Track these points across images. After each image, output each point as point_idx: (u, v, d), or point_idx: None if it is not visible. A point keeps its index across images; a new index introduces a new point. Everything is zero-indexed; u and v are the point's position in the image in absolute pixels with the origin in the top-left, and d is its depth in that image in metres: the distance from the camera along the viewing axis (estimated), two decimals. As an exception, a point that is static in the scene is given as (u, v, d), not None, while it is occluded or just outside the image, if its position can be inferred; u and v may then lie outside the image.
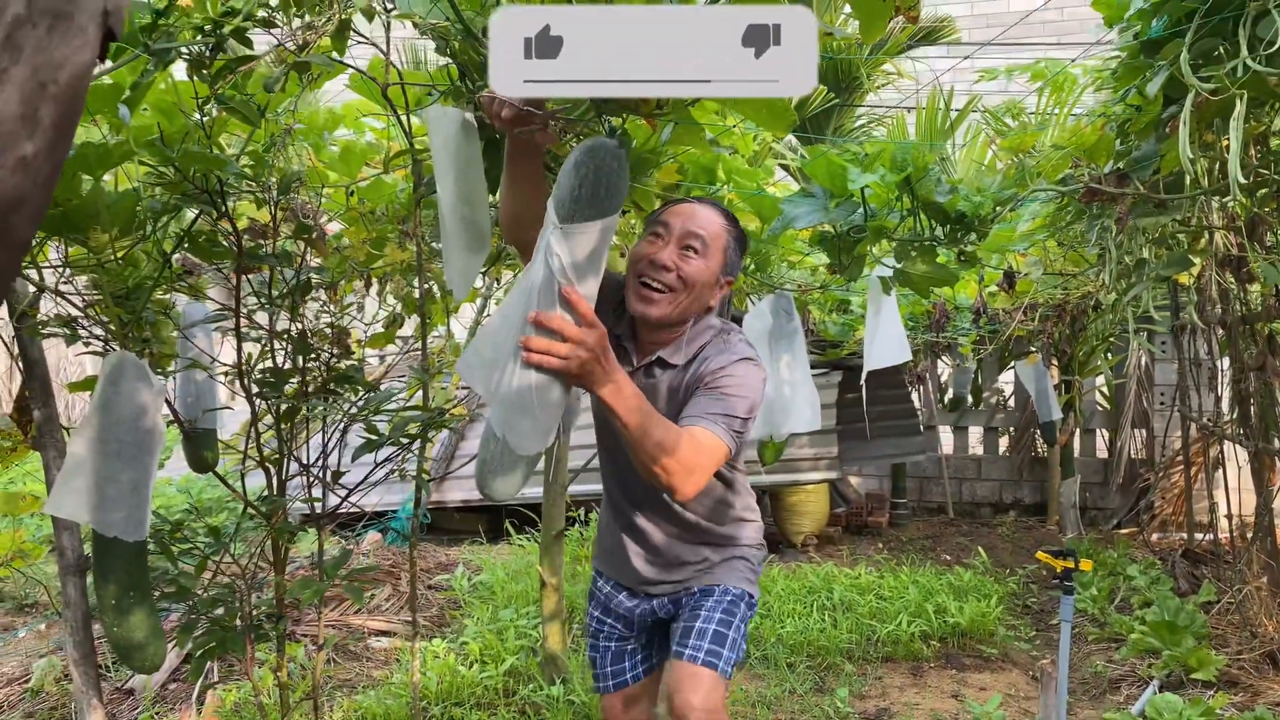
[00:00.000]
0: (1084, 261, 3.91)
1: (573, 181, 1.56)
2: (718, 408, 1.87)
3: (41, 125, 0.52)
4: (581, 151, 1.58)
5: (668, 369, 2.02)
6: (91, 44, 0.54)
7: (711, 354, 1.98)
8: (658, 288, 1.96)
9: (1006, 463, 7.93)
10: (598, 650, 2.29)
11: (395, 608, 4.85)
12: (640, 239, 2.07)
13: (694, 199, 2.12)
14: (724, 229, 2.04)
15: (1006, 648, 4.31)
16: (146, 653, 2.14)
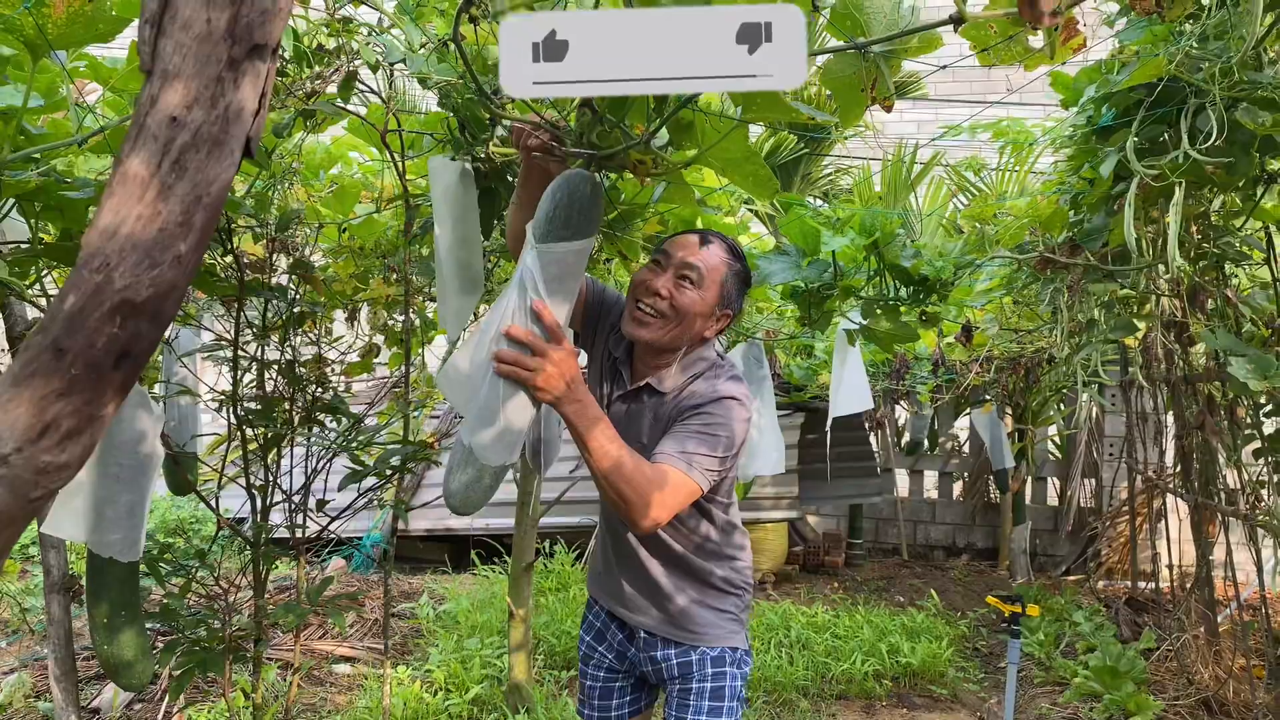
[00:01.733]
0: (1038, 319, 4.10)
1: (550, 206, 1.68)
2: (691, 445, 1.93)
3: (194, 228, 0.64)
4: (559, 179, 1.70)
5: (655, 395, 2.08)
6: (235, 163, 0.66)
7: (699, 387, 2.03)
8: (650, 313, 2.01)
9: (960, 507, 8.12)
10: (587, 678, 2.33)
11: (360, 634, 4.89)
12: (644, 265, 2.13)
13: (702, 230, 2.15)
14: (724, 263, 2.07)
15: (956, 688, 4.45)
16: (135, 670, 2.21)
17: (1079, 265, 2.47)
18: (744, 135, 1.72)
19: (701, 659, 2.14)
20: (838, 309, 2.64)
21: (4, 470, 0.62)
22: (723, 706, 2.12)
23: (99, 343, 0.62)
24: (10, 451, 0.62)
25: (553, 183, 1.71)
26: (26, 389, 0.62)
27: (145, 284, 0.62)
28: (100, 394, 0.64)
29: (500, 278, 3.60)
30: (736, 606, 2.21)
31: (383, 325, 4.41)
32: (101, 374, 0.63)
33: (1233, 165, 2.16)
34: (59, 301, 0.63)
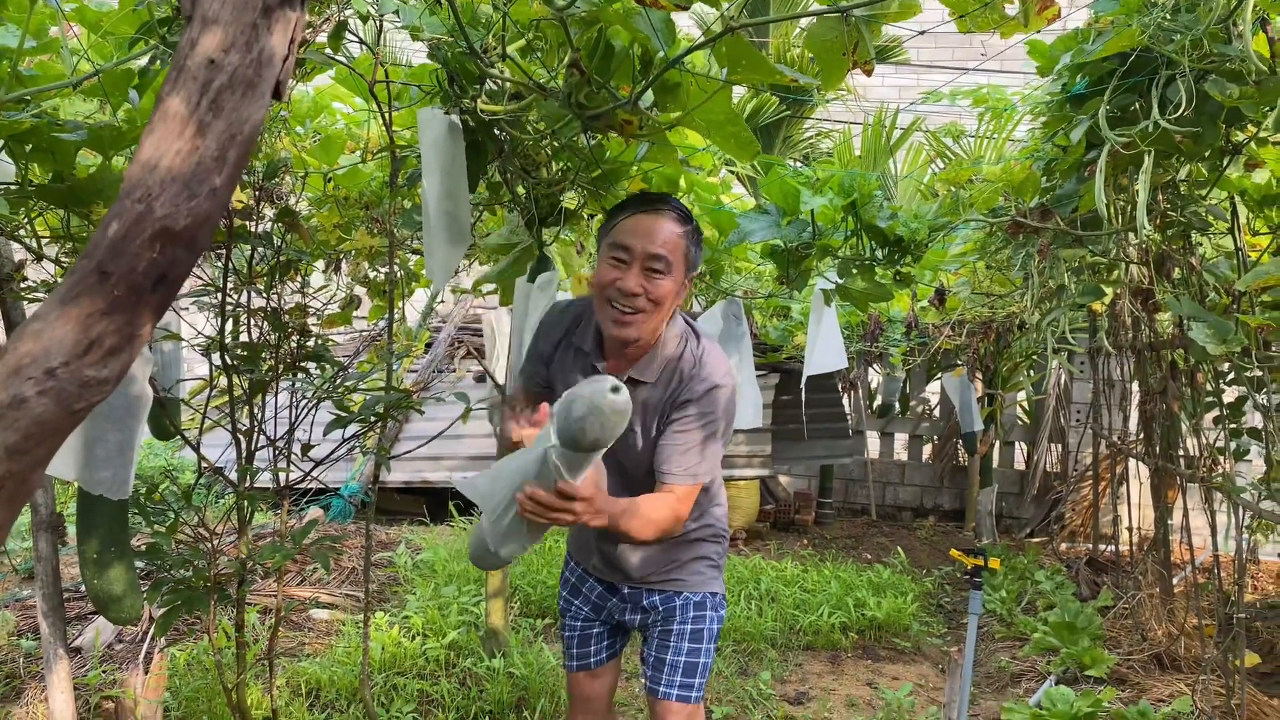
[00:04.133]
0: (1009, 284, 4.19)
1: (576, 424, 1.62)
2: (693, 458, 2.03)
3: (228, 164, 0.70)
4: (590, 407, 1.61)
5: (641, 386, 2.10)
6: (266, 104, 0.71)
7: (689, 375, 2.06)
8: (629, 311, 2.01)
9: (929, 469, 8.28)
10: (565, 629, 2.43)
11: (337, 581, 4.96)
12: (601, 258, 2.08)
13: (648, 205, 2.07)
14: (681, 234, 2.04)
15: (919, 642, 4.59)
16: (124, 605, 2.27)
17: (1049, 230, 2.54)
18: (727, 97, 1.77)
19: (685, 603, 2.26)
20: (815, 268, 2.71)
21: (51, 382, 0.67)
22: (701, 647, 2.24)
23: (140, 267, 0.68)
24: (57, 365, 0.67)
25: (583, 405, 1.62)
26: (73, 308, 0.67)
27: (184, 214, 0.67)
28: (139, 315, 0.69)
29: (482, 233, 3.63)
30: (716, 554, 2.33)
31: (364, 277, 4.44)
32: (141, 296, 0.69)
33: (1200, 135, 2.23)
34: (103, 229, 0.68)
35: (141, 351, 2.26)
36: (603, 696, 2.42)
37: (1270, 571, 6.16)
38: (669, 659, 2.23)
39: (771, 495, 7.97)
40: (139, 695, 3.31)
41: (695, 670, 2.23)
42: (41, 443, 0.70)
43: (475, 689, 3.54)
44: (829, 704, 3.79)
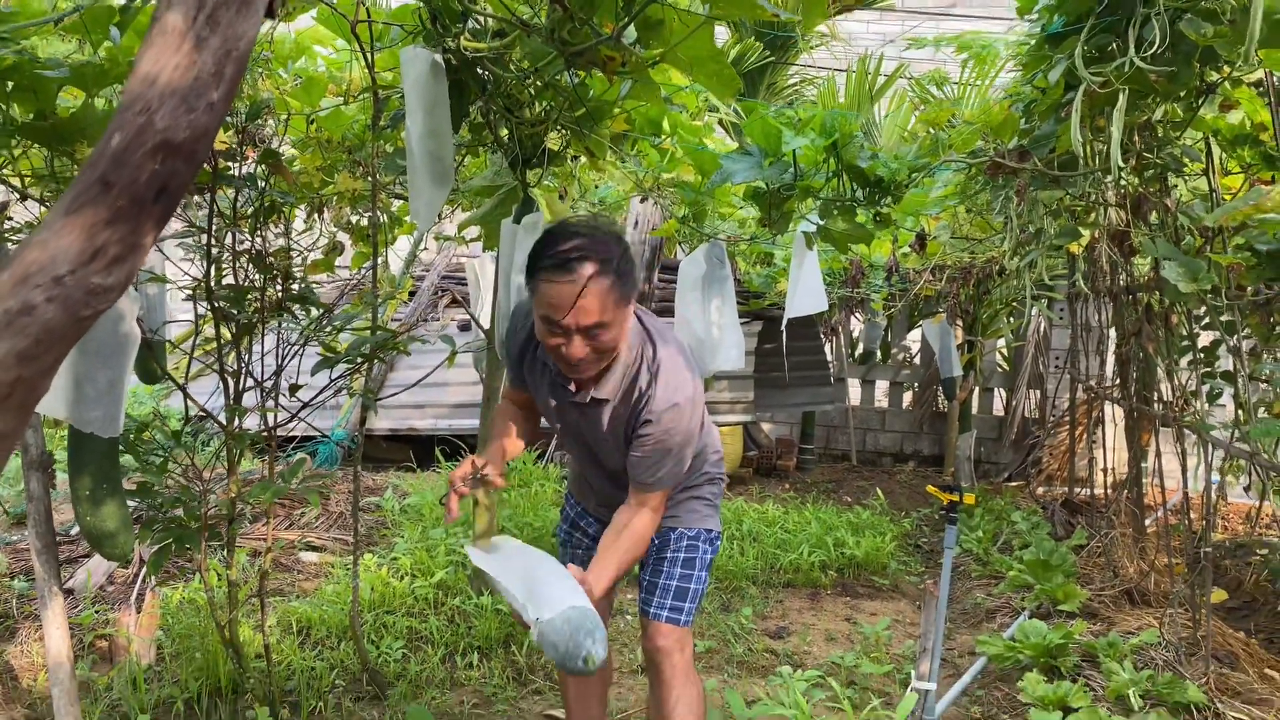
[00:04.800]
0: (990, 228, 4.23)
1: (550, 653, 1.79)
2: (664, 471, 2.10)
3: (224, 79, 0.72)
4: (560, 660, 1.77)
5: (603, 404, 2.13)
6: (259, 21, 0.74)
7: (646, 393, 2.07)
8: (582, 367, 2.01)
9: (909, 416, 8.38)
10: (565, 559, 2.47)
11: (325, 525, 5.02)
12: (537, 318, 2.00)
13: (562, 272, 1.91)
14: (609, 288, 1.93)
15: (897, 580, 4.70)
16: (118, 541, 2.31)
17: (1027, 171, 2.58)
18: (709, 33, 1.79)
19: (679, 536, 2.35)
20: (797, 209, 2.74)
21: (58, 290, 0.70)
22: (692, 574, 2.33)
23: (142, 178, 0.70)
24: (64, 273, 0.70)
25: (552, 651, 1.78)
26: (77, 218, 0.70)
27: (183, 126, 0.70)
28: (142, 225, 0.72)
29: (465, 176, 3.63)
30: (712, 494, 2.42)
31: (346, 223, 4.44)
32: (143, 207, 0.71)
33: (1175, 75, 2.26)
34: (105, 141, 0.71)
35: (128, 291, 2.28)
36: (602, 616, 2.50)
37: (1240, 512, 6.30)
38: (661, 582, 2.31)
39: (754, 442, 8.06)
40: (132, 633, 3.38)
41: (686, 595, 2.31)
42: (49, 349, 0.73)
43: (463, 625, 3.61)
44: (808, 638, 3.90)
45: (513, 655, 3.48)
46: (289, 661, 3.26)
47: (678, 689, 2.29)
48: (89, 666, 3.25)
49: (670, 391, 2.07)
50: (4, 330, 0.71)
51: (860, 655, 3.63)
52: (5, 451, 0.79)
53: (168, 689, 3.09)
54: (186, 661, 3.16)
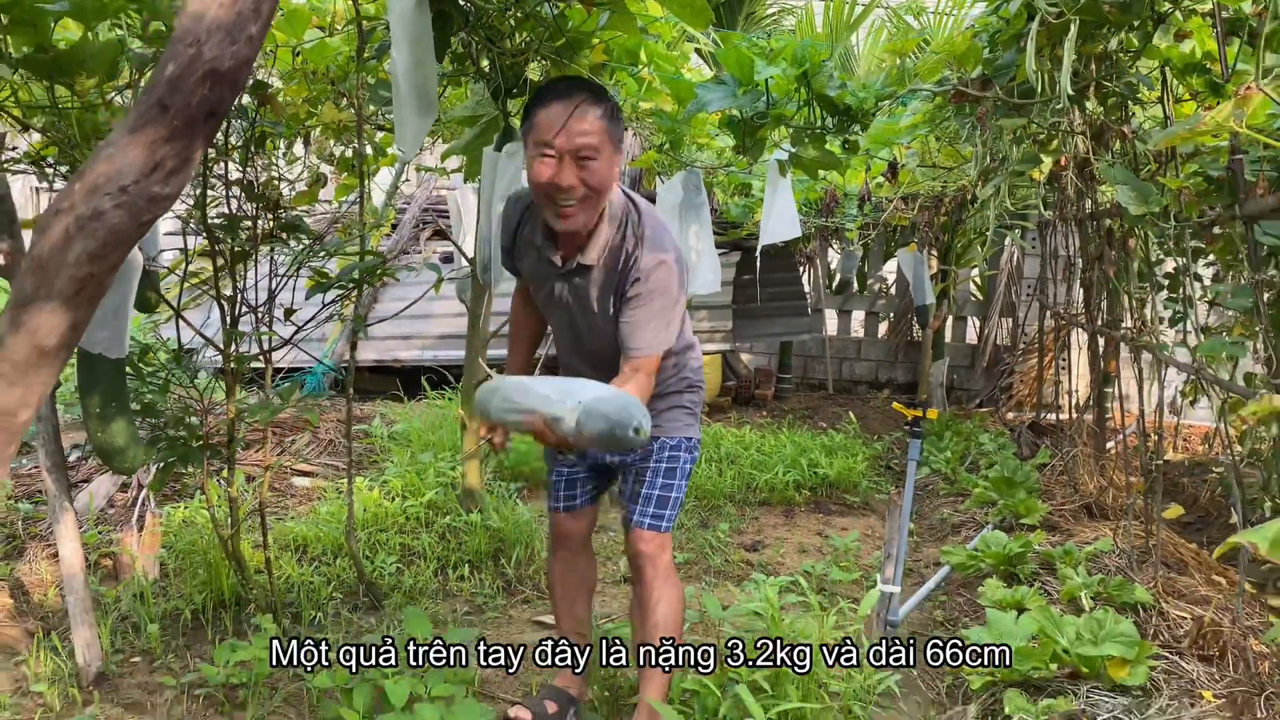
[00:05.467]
0: (960, 157, 4.35)
1: (592, 431, 1.85)
2: (651, 331, 2.17)
3: (261, 14, 0.84)
4: (607, 432, 1.83)
5: (588, 270, 2.24)
6: (289, -36, 0.85)
7: (633, 254, 2.15)
8: (571, 204, 2.08)
9: (884, 345, 8.57)
10: (553, 474, 2.64)
11: (315, 452, 5.17)
12: (530, 154, 2.11)
13: (559, 96, 2.06)
14: (600, 117, 2.05)
15: (868, 498, 4.91)
16: (127, 456, 2.45)
17: (989, 99, 2.70)
18: (684, -38, 1.88)
19: (661, 446, 2.45)
20: (770, 137, 2.85)
21: (124, 197, 0.83)
22: (673, 483, 2.46)
23: (194, 102, 0.82)
24: (129, 183, 0.83)
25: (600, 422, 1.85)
26: (139, 135, 0.82)
27: (228, 57, 0.82)
28: (194, 142, 0.85)
29: (446, 107, 3.71)
30: (692, 403, 2.52)
31: (329, 155, 4.50)
32: (195, 126, 0.84)
33: (1127, 5, 2.37)
34: (161, 69, 0.83)
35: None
36: (583, 532, 2.66)
37: (1200, 434, 6.54)
38: (644, 492, 2.43)
39: (733, 372, 8.23)
40: (136, 552, 3.53)
41: (666, 503, 2.44)
42: (115, 249, 0.86)
43: (454, 541, 3.79)
44: (782, 550, 4.10)
45: (502, 568, 3.66)
46: (288, 576, 3.42)
47: (659, 589, 2.43)
48: (97, 583, 3.40)
49: (657, 250, 2.15)
50: (78, 233, 0.84)
51: (830, 564, 3.83)
52: (76, 338, 0.92)
53: (173, 602, 3.25)
54: (190, 576, 3.32)
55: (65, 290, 0.85)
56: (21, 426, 0.95)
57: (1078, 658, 2.81)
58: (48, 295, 0.85)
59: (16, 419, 0.92)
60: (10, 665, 2.87)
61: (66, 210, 0.84)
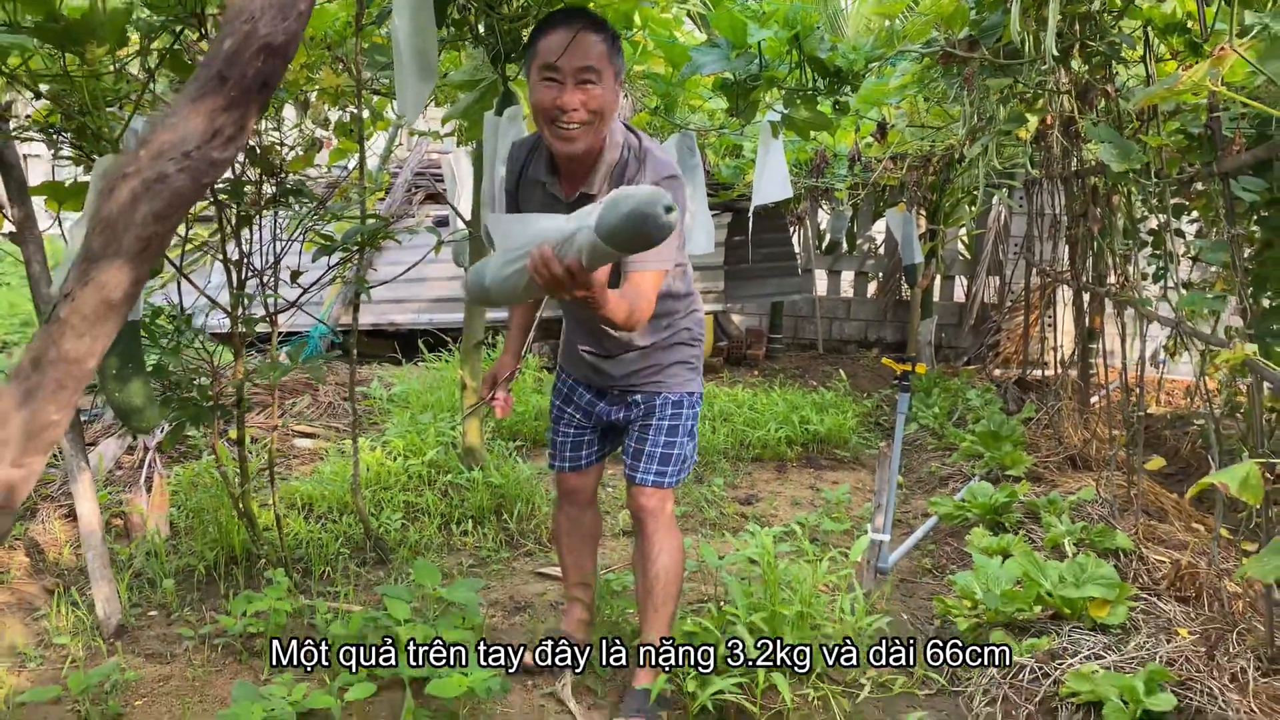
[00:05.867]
0: (948, 117, 4.42)
1: (620, 220, 1.61)
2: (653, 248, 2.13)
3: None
4: (637, 211, 1.60)
5: (591, 199, 2.22)
6: (332, -55, 0.93)
7: (635, 174, 2.21)
8: (573, 127, 2.13)
9: (874, 304, 8.67)
10: (558, 434, 2.69)
11: (315, 415, 5.25)
12: (533, 81, 2.17)
13: (562, 23, 2.14)
14: (601, 40, 2.13)
15: (858, 453, 5.02)
16: (144, 415, 2.53)
17: (976, 60, 2.77)
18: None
19: (664, 402, 2.50)
20: (762, 99, 2.92)
21: (188, 162, 0.91)
22: (676, 440, 2.50)
23: (249, 74, 0.90)
24: (191, 149, 0.90)
25: (634, 210, 1.60)
26: (200, 105, 0.90)
27: (280, 32, 0.89)
28: (249, 110, 0.92)
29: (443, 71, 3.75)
30: (693, 357, 2.55)
31: (324, 120, 4.54)
32: (250, 96, 0.91)
33: (1110, -33, 2.44)
34: (219, 44, 0.90)
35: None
36: (588, 489, 2.73)
37: (1181, 388, 6.68)
38: (647, 449, 2.48)
39: (725, 333, 8.32)
40: (146, 512, 3.62)
41: (670, 460, 2.49)
42: (177, 210, 0.94)
43: (457, 498, 3.89)
44: (775, 503, 4.22)
45: (504, 523, 3.77)
46: (296, 533, 3.52)
47: (659, 541, 2.50)
48: (112, 540, 3.49)
49: (660, 168, 2.20)
50: (144, 195, 0.92)
51: (822, 516, 3.95)
52: (137, 293, 1.00)
53: (185, 559, 3.34)
54: (201, 534, 3.41)
55: (131, 248, 0.93)
56: (88, 374, 1.03)
57: (1060, 599, 2.94)
58: (115, 253, 0.93)
59: (84, 366, 1.01)
60: (31, 620, 2.97)
61: (133, 174, 0.92)
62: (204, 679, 2.62)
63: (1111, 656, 2.66)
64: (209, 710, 2.46)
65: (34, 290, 2.73)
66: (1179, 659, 2.61)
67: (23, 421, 0.99)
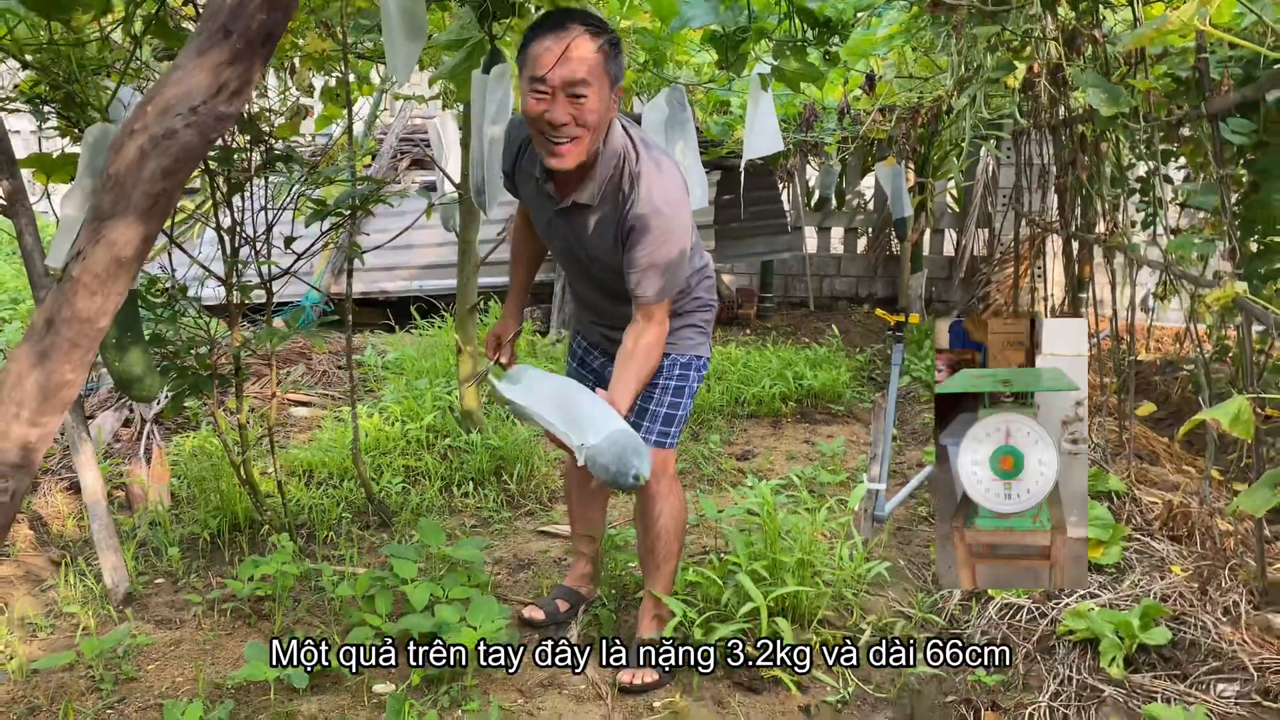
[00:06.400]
0: (936, 68, 4.41)
1: (599, 472, 1.98)
2: (659, 278, 2.17)
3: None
4: (610, 478, 1.97)
5: (584, 209, 2.25)
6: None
7: (629, 197, 2.16)
8: (563, 140, 2.07)
9: (864, 260, 8.68)
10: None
11: (310, 383, 5.26)
12: (523, 89, 2.09)
13: (554, 29, 2.04)
14: (595, 52, 2.04)
15: (852, 407, 5.07)
16: (145, 384, 2.54)
17: (964, 6, 2.76)
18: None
19: (672, 363, 2.49)
20: (751, 51, 2.91)
21: (194, 117, 0.91)
22: (680, 401, 2.52)
23: (253, 26, 0.90)
24: (198, 104, 0.91)
25: (602, 472, 1.98)
26: (205, 59, 0.90)
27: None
28: (254, 64, 0.93)
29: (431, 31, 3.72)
30: (703, 321, 2.55)
31: (308, 87, 4.50)
32: (254, 49, 0.92)
33: (1097, -90, 2.43)
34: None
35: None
36: None
37: (1171, 334, 6.73)
38: (651, 408, 2.47)
39: (716, 293, 8.32)
40: (147, 482, 3.64)
41: (673, 420, 2.50)
42: (185, 165, 0.95)
43: (456, 461, 3.92)
44: (771, 458, 4.26)
45: (505, 483, 3.80)
46: (297, 499, 3.54)
47: (662, 500, 2.51)
48: (114, 511, 3.51)
49: (654, 197, 2.14)
50: (152, 151, 0.92)
51: (818, 469, 4.00)
52: (147, 250, 1.01)
53: (189, 527, 3.37)
54: (203, 503, 3.43)
55: (141, 205, 0.94)
56: (100, 333, 1.05)
57: (1055, 541, 2.98)
58: (125, 210, 0.94)
59: (96, 325, 1.02)
60: (39, 592, 3.00)
61: (140, 131, 0.92)
62: (214, 642, 2.66)
63: (1107, 595, 2.71)
64: (221, 671, 2.49)
65: (28, 264, 2.72)
66: (1173, 595, 2.67)
67: (38, 381, 1.00)
